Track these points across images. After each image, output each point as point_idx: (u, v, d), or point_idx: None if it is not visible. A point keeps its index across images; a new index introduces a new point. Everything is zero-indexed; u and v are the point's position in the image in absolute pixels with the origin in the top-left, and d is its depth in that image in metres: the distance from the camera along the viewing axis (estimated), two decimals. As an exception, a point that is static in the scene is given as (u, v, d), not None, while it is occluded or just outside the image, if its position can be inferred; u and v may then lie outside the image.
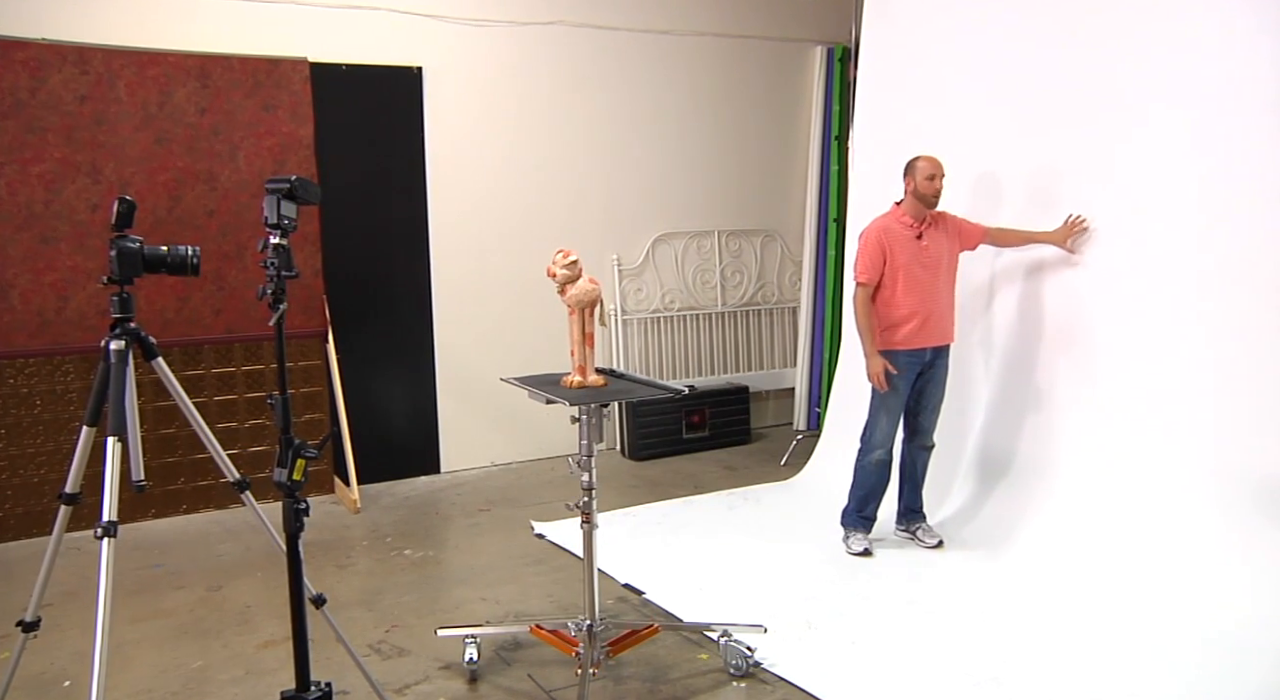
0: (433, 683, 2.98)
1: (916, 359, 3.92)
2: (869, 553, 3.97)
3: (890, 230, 3.91)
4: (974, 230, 4.02)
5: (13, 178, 4.36)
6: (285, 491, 2.22)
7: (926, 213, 3.90)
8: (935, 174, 3.86)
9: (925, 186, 3.85)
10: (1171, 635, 3.10)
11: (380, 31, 5.19)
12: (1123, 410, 3.72)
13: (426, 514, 4.87)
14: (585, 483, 2.84)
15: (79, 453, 2.30)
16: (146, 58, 4.57)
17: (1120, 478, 3.68)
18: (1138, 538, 3.53)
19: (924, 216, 3.91)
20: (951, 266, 3.98)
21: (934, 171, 3.87)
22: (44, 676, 3.03)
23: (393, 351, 5.44)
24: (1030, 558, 3.73)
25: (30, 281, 4.43)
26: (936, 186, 3.86)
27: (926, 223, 3.91)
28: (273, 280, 2.19)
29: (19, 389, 4.49)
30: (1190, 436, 3.50)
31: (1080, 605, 3.36)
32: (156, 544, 4.39)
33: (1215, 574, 3.27)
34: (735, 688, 2.91)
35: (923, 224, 3.91)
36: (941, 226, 3.95)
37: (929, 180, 3.85)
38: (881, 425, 3.99)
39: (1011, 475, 4.09)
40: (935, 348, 3.94)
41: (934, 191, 3.86)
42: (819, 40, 6.47)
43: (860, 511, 4.04)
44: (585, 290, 2.86)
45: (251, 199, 4.76)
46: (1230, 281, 3.41)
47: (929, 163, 3.86)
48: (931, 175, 3.86)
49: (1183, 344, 3.54)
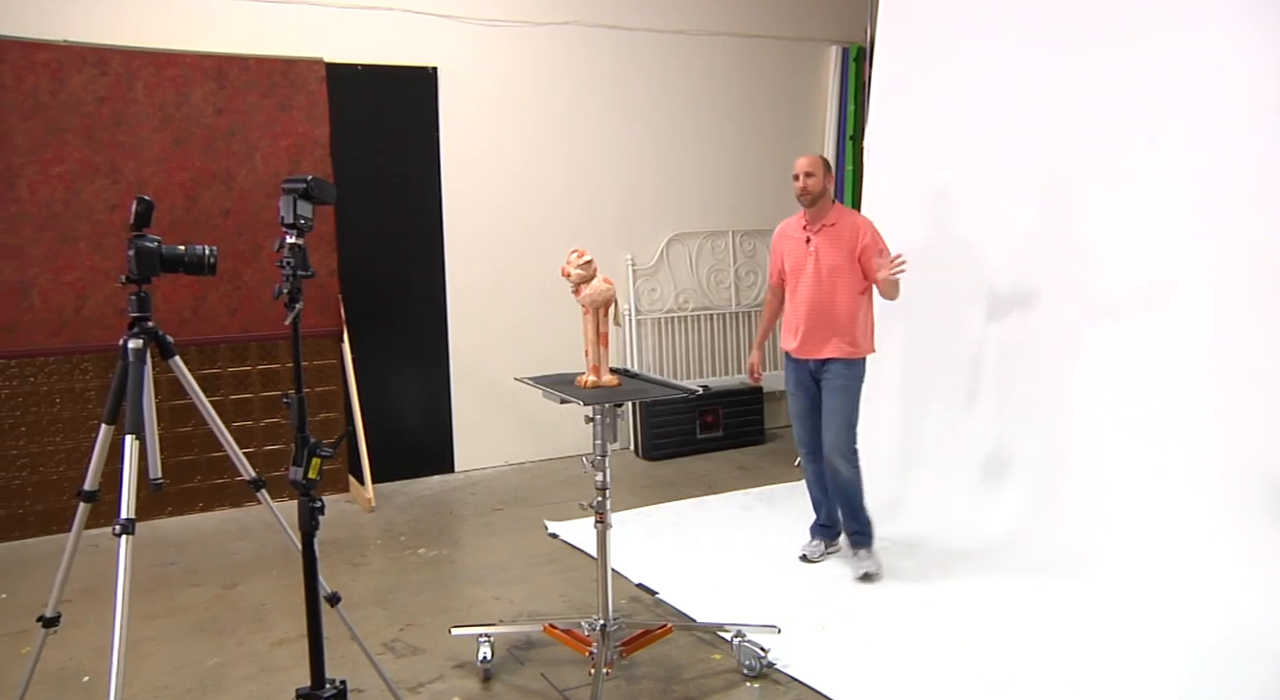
0: (446, 681, 2.99)
1: (802, 366, 3.77)
2: (806, 559, 3.90)
3: (786, 233, 3.78)
4: (869, 264, 3.60)
5: (34, 178, 4.40)
6: (301, 490, 2.23)
7: (819, 216, 3.66)
8: (798, 172, 3.63)
9: (793, 187, 3.66)
10: (1178, 636, 3.09)
11: (396, 32, 5.21)
12: (1130, 411, 3.71)
13: (440, 513, 4.89)
14: (599, 482, 2.85)
15: (97, 450, 2.31)
16: (164, 58, 4.60)
17: (1128, 480, 3.68)
18: (1145, 539, 3.52)
19: (817, 220, 3.67)
20: (849, 277, 3.64)
21: (795, 170, 3.64)
22: (64, 671, 3.06)
23: (407, 351, 5.46)
24: (1039, 560, 3.70)
25: (50, 281, 4.47)
26: (798, 186, 3.63)
27: (818, 227, 3.67)
28: (289, 280, 2.19)
29: (39, 387, 4.53)
30: (1198, 436, 3.49)
31: (1089, 607, 3.33)
32: (173, 541, 4.42)
33: (1222, 574, 3.26)
34: (749, 688, 2.91)
35: (814, 228, 3.67)
36: (839, 234, 3.64)
37: (794, 179, 3.64)
38: (795, 429, 3.93)
39: (1019, 480, 4.07)
40: (819, 360, 3.71)
41: (796, 190, 3.65)
42: (834, 40, 6.45)
43: (816, 519, 3.99)
44: (600, 290, 2.86)
45: (267, 199, 4.79)
46: (1244, 282, 3.39)
47: (797, 161, 3.65)
48: (795, 174, 3.64)
49: (1194, 345, 3.52)
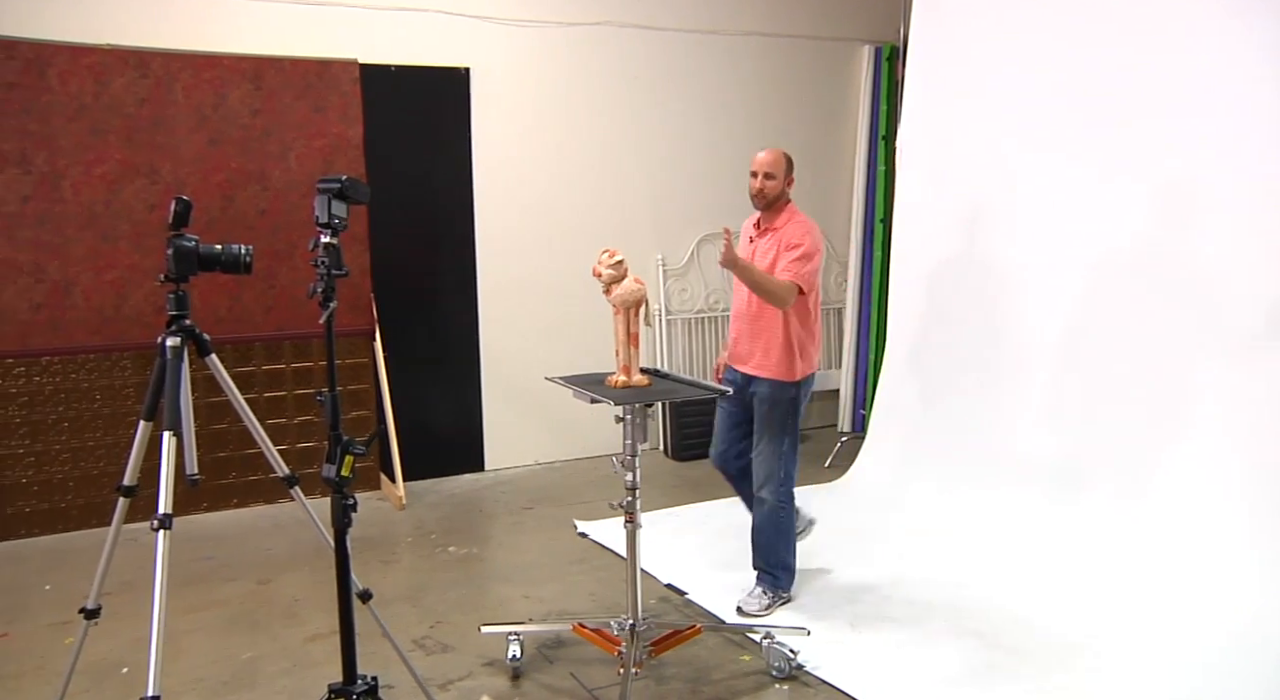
0: (476, 679, 3.00)
1: (734, 375, 3.46)
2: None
3: (746, 227, 3.53)
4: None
5: (77, 179, 4.48)
6: (334, 487, 2.24)
7: (769, 220, 3.39)
8: (757, 170, 3.33)
9: (749, 183, 3.37)
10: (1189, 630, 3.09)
11: (429, 33, 5.25)
12: (1140, 406, 3.71)
13: (470, 511, 4.91)
14: (629, 482, 2.85)
15: (136, 446, 2.35)
16: (202, 61, 4.67)
17: (1138, 478, 3.68)
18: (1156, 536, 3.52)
19: (766, 224, 3.40)
20: None
21: (754, 168, 3.34)
22: (104, 662, 3.11)
23: (438, 350, 5.49)
24: (1071, 563, 3.67)
25: (91, 279, 4.55)
26: (753, 185, 3.35)
27: (763, 230, 3.40)
28: (323, 279, 2.20)
29: (80, 384, 4.62)
30: (1206, 433, 3.48)
31: (1119, 610, 3.30)
32: (209, 536, 4.48)
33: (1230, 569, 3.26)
34: (778, 690, 2.90)
35: (760, 230, 3.42)
36: (776, 241, 3.34)
37: (750, 176, 3.36)
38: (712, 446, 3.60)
39: (1050, 482, 4.03)
40: (746, 374, 3.41)
41: (751, 190, 3.36)
42: (867, 39, 6.40)
43: None
44: (630, 290, 2.86)
45: (301, 199, 4.84)
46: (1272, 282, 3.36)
47: (754, 157, 3.37)
48: (753, 172, 3.35)
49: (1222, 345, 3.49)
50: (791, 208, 3.42)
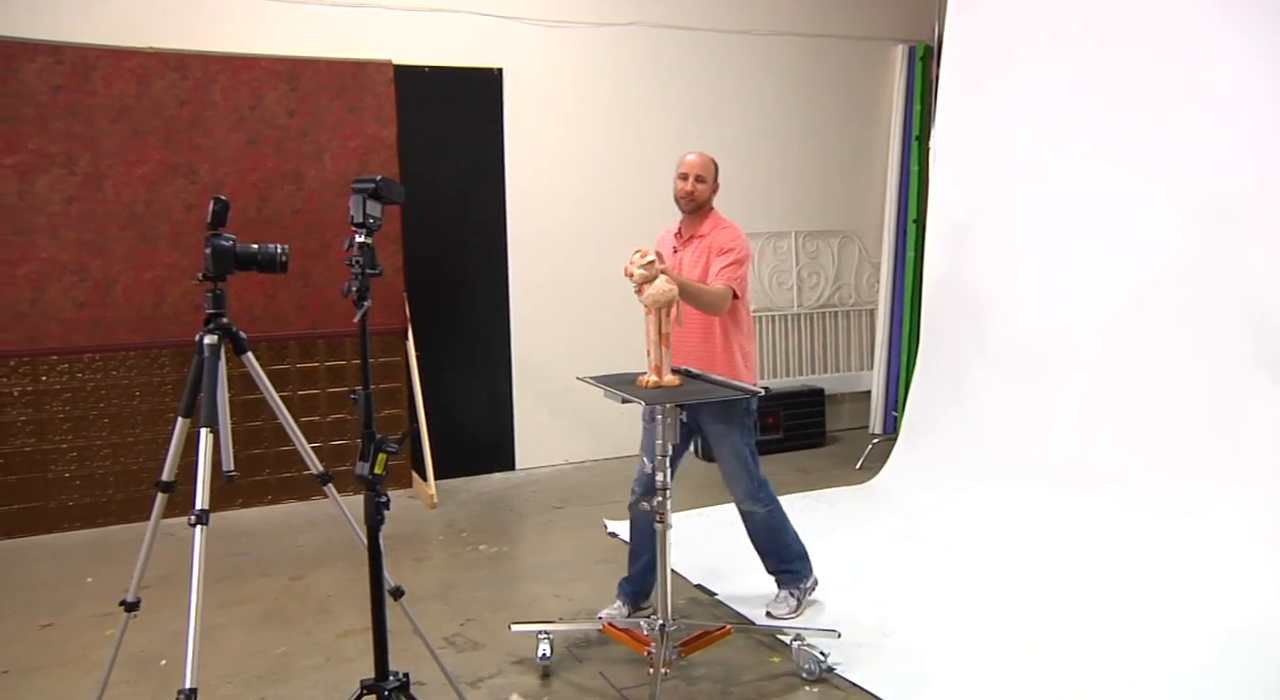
0: (506, 677, 3.02)
1: None
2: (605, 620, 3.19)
3: (665, 237, 3.39)
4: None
5: (118, 179, 4.56)
6: (367, 485, 2.25)
7: (693, 227, 3.26)
8: (687, 173, 3.22)
9: (675, 185, 3.24)
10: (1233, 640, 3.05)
11: (462, 33, 5.28)
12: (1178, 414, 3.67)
13: (501, 510, 4.94)
14: (659, 482, 2.84)
15: (174, 443, 2.38)
16: (240, 62, 4.73)
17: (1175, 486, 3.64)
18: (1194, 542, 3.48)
19: (689, 230, 3.27)
20: None
21: (684, 170, 3.22)
22: (143, 654, 3.17)
23: (470, 349, 5.53)
24: (1104, 566, 3.62)
25: (131, 278, 4.63)
26: (682, 188, 3.22)
27: (688, 238, 3.27)
28: (358, 278, 2.21)
29: (120, 380, 4.70)
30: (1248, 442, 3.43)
31: (1159, 617, 3.24)
32: (243, 532, 4.54)
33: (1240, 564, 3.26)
34: (808, 692, 2.88)
35: (684, 239, 3.28)
36: (704, 248, 3.19)
37: (679, 179, 3.24)
38: (639, 467, 3.33)
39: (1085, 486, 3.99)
40: None
41: (679, 193, 3.24)
42: (900, 39, 6.35)
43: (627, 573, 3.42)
44: (662, 290, 2.86)
45: (336, 199, 4.89)
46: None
47: (683, 159, 3.25)
48: (683, 174, 3.23)
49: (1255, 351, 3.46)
50: (715, 214, 3.32)
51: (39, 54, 4.38)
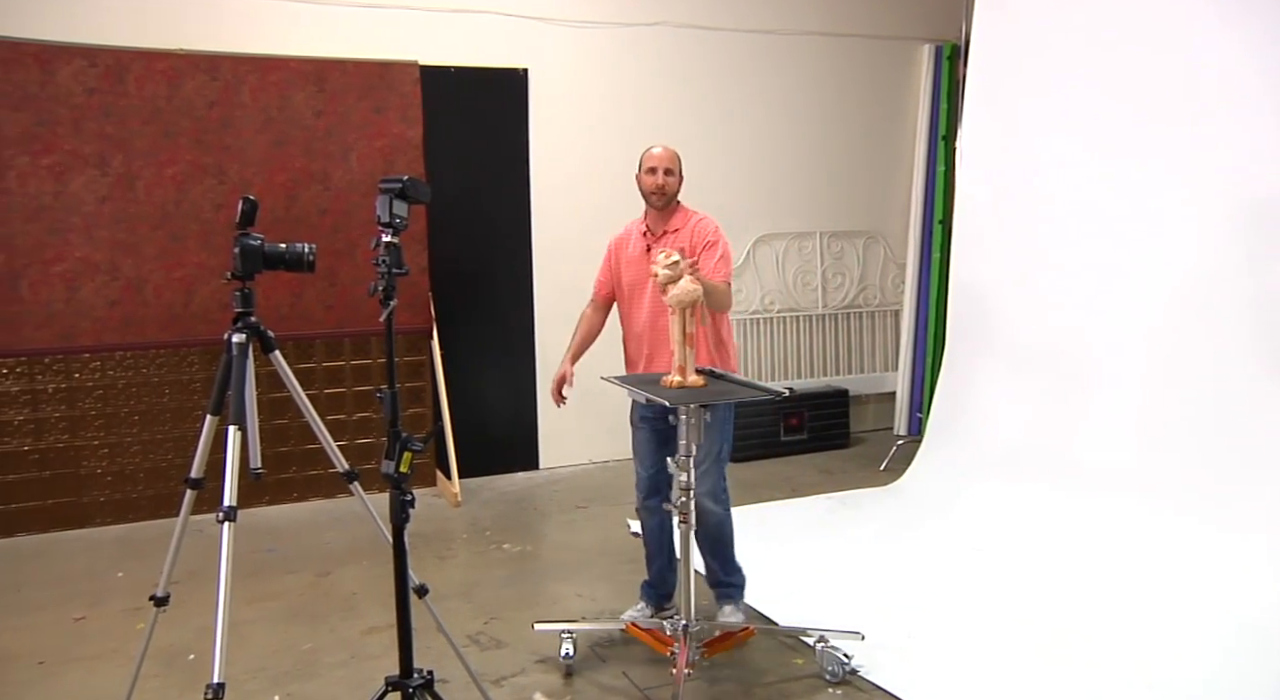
0: (529, 676, 3.03)
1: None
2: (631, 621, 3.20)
3: (626, 239, 3.30)
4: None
5: (150, 180, 4.63)
6: (393, 483, 2.26)
7: (664, 222, 3.21)
8: (656, 166, 3.15)
9: (642, 180, 3.19)
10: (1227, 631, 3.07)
11: (487, 34, 5.30)
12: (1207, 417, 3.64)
13: (525, 509, 4.95)
14: (683, 483, 2.84)
15: (203, 440, 2.40)
16: (268, 64, 4.78)
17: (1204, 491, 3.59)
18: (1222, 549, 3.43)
19: (660, 226, 3.21)
20: None
21: (653, 163, 3.15)
22: (172, 649, 3.21)
23: (494, 348, 5.55)
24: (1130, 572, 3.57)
25: (162, 277, 4.69)
26: (653, 183, 3.16)
27: (660, 233, 3.20)
28: (384, 277, 2.22)
29: (150, 378, 4.77)
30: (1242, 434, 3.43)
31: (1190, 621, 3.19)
32: (270, 529, 4.59)
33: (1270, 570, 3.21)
34: (831, 694, 2.87)
35: (656, 235, 3.21)
36: (680, 242, 3.13)
37: (647, 174, 3.17)
38: (636, 468, 3.33)
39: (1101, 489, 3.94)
40: None
41: (650, 187, 3.17)
42: (927, 38, 6.31)
43: (646, 577, 3.40)
44: (686, 290, 2.85)
45: (362, 199, 4.93)
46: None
47: (650, 152, 3.18)
48: (652, 168, 3.15)
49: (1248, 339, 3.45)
50: (684, 207, 3.28)
51: (75, 57, 4.45)
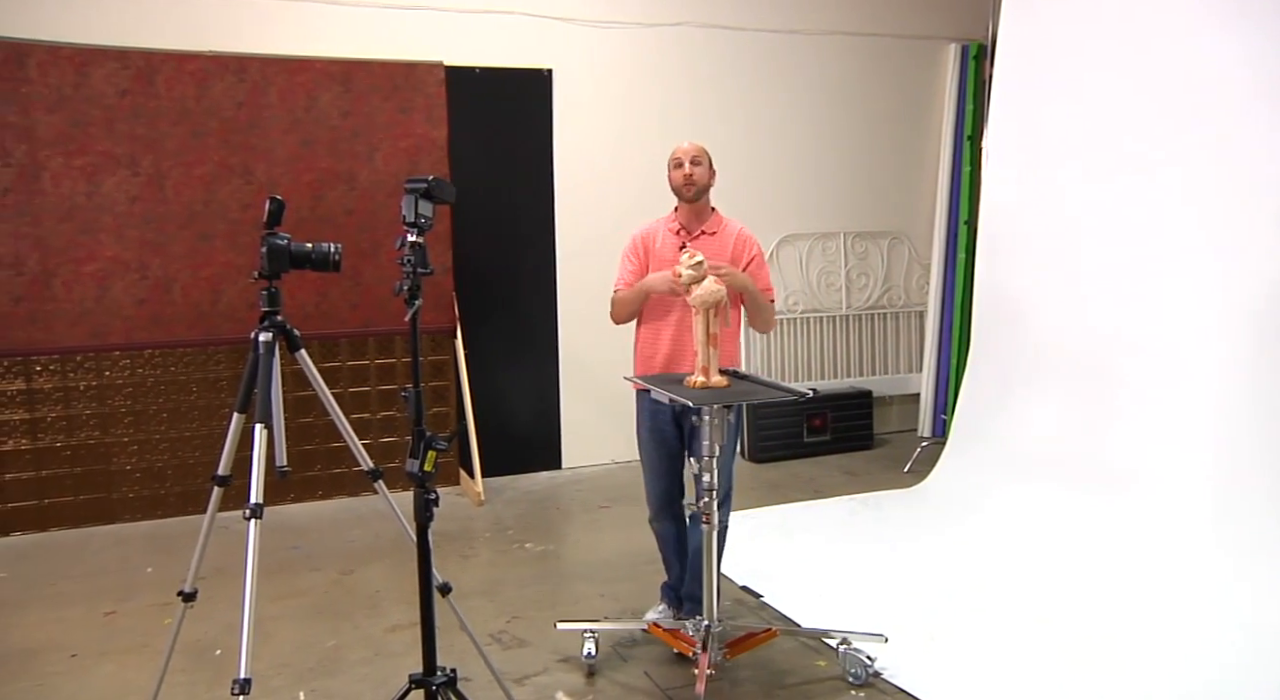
0: (551, 675, 3.03)
1: (664, 407, 3.14)
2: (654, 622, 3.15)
3: (653, 234, 3.22)
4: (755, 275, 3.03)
5: (178, 180, 4.68)
6: (417, 482, 2.27)
7: (699, 219, 3.16)
8: (682, 159, 3.09)
9: (671, 177, 3.13)
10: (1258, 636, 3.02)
11: (512, 34, 5.32)
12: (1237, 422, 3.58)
13: (548, 509, 4.96)
14: (706, 483, 2.84)
15: (230, 438, 2.42)
16: (296, 64, 4.82)
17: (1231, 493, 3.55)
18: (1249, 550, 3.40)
19: (696, 224, 3.15)
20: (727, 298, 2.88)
21: (680, 157, 3.09)
22: (199, 644, 3.25)
23: (518, 348, 5.56)
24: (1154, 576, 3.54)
25: (189, 277, 4.74)
26: (681, 175, 3.09)
27: (697, 233, 3.14)
28: (409, 277, 2.23)
29: (178, 376, 4.82)
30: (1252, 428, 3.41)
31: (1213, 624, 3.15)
32: (294, 527, 4.63)
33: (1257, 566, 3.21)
34: (854, 697, 2.85)
35: (692, 234, 3.15)
36: (720, 245, 3.10)
37: (675, 168, 3.11)
38: (650, 484, 3.24)
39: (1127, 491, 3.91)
40: None
41: (679, 182, 3.10)
42: (953, 38, 6.26)
43: (667, 579, 3.35)
44: (710, 291, 2.85)
45: (387, 199, 4.96)
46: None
47: (677, 147, 3.12)
48: (679, 160, 3.10)
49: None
50: (716, 210, 3.24)
51: (107, 59, 4.51)
